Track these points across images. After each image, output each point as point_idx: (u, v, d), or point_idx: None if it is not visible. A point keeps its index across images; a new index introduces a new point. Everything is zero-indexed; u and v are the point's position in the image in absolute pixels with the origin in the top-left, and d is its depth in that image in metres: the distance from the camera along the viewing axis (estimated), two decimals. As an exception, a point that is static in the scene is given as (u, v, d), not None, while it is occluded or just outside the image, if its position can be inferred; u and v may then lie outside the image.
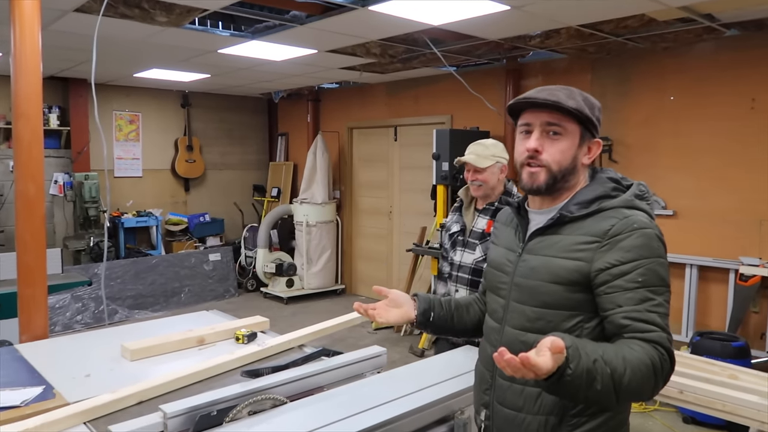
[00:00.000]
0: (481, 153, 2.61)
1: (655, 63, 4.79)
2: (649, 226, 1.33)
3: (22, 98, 2.55)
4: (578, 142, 1.41)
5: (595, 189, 1.41)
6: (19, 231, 2.62)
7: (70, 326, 5.69)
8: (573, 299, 1.35)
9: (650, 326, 1.25)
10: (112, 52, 5.06)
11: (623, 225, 1.32)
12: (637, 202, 1.38)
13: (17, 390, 1.85)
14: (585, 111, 1.38)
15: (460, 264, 2.64)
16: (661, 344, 1.24)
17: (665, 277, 1.32)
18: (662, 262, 1.32)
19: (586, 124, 1.41)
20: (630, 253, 1.30)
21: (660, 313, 1.27)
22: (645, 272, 1.29)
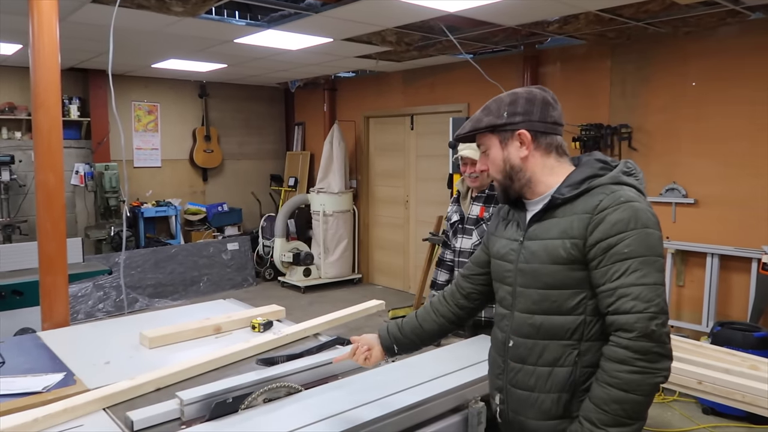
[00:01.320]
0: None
1: (676, 48, 4.69)
2: (636, 200, 1.37)
3: (41, 89, 2.58)
4: (499, 146, 1.52)
5: (583, 171, 1.46)
6: (39, 220, 2.66)
7: (92, 314, 5.79)
8: (573, 277, 1.40)
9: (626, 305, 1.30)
10: (129, 42, 5.09)
11: (611, 199, 1.37)
12: (624, 178, 1.42)
13: (39, 376, 1.89)
14: (480, 125, 1.53)
15: (460, 250, 2.73)
16: (628, 328, 1.29)
17: (655, 246, 1.34)
18: (651, 232, 1.34)
19: (493, 130, 1.52)
20: (616, 225, 1.34)
21: (647, 284, 1.30)
22: (631, 243, 1.32)
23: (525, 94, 1.50)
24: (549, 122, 1.48)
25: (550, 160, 1.50)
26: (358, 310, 2.61)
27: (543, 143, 1.49)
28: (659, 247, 1.35)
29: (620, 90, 5.03)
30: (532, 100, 1.48)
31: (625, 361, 1.29)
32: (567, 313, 1.40)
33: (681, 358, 3.51)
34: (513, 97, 1.51)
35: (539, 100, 1.49)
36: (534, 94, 1.49)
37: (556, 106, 1.50)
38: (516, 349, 1.50)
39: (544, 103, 1.48)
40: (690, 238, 4.65)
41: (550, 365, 1.43)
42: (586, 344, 1.40)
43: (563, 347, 1.41)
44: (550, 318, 1.42)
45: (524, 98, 1.49)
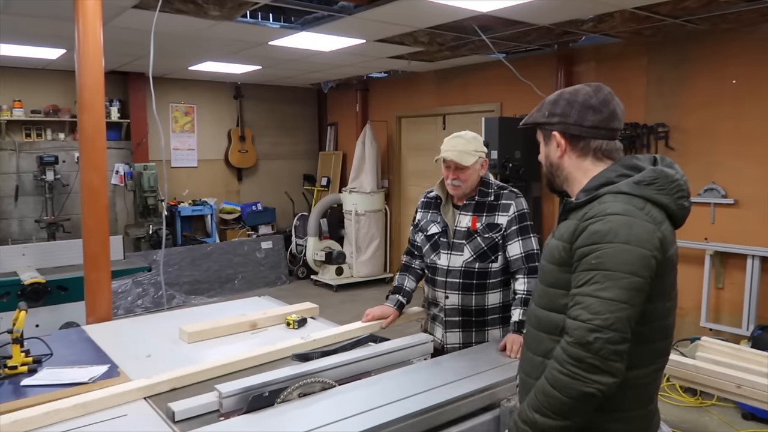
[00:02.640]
0: (462, 148, 2.30)
1: (715, 45, 4.59)
2: (627, 213, 1.34)
3: (87, 92, 2.69)
4: (544, 143, 1.58)
5: (600, 176, 1.46)
6: (84, 218, 2.77)
7: (131, 310, 5.97)
8: (563, 279, 1.42)
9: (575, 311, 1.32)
10: (168, 46, 5.23)
11: (597, 210, 1.37)
12: (631, 188, 1.38)
13: (85, 368, 1.97)
14: (530, 120, 1.58)
15: (449, 268, 2.36)
16: (569, 333, 1.31)
17: (628, 263, 1.29)
18: (628, 249, 1.30)
19: (538, 127, 1.57)
20: (593, 236, 1.34)
21: (603, 298, 1.29)
22: (601, 255, 1.31)
23: (569, 95, 1.50)
24: (586, 126, 1.47)
25: (586, 163, 1.50)
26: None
27: (578, 146, 1.49)
28: (635, 266, 1.30)
29: (657, 88, 4.94)
30: (573, 102, 1.48)
31: (559, 360, 1.33)
32: (558, 311, 1.43)
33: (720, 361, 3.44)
34: (557, 96, 1.53)
35: (579, 103, 1.48)
36: (576, 96, 1.49)
37: (601, 109, 1.46)
38: (527, 336, 1.58)
39: (585, 106, 1.47)
40: (729, 239, 4.54)
41: (542, 356, 1.47)
42: None
43: (553, 342, 1.43)
44: (547, 314, 1.47)
45: (566, 100, 1.50)
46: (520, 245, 2.31)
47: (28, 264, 3.90)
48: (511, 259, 2.32)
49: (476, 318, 2.37)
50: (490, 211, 2.35)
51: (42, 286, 3.52)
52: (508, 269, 2.37)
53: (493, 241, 2.32)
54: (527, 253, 2.30)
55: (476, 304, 2.35)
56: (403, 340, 2.20)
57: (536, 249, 2.32)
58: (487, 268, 2.33)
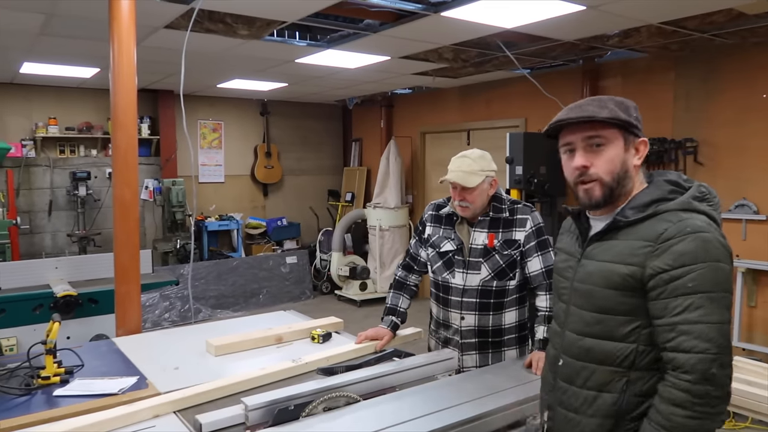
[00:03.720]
0: (467, 168, 2.24)
1: (744, 59, 4.52)
2: (706, 230, 1.29)
3: (120, 111, 2.77)
4: (623, 146, 1.40)
5: (651, 192, 1.39)
6: (116, 232, 2.83)
7: (158, 323, 6.05)
8: (628, 304, 1.34)
9: (687, 343, 1.23)
10: (197, 64, 5.35)
11: (677, 229, 1.29)
12: (696, 204, 1.34)
13: (114, 379, 2.01)
14: (620, 116, 1.38)
15: (465, 288, 2.28)
16: (688, 370, 1.22)
17: (723, 282, 1.26)
18: (720, 266, 1.26)
19: (626, 127, 1.40)
20: (683, 257, 1.26)
21: (711, 322, 1.22)
22: (697, 277, 1.24)
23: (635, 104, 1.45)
24: None
25: (639, 176, 1.45)
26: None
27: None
28: (728, 283, 1.27)
29: (684, 103, 4.88)
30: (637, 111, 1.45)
31: (684, 405, 1.23)
32: (619, 340, 1.35)
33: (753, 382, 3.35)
34: (633, 104, 1.44)
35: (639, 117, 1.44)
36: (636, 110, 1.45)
37: None
38: (565, 368, 1.47)
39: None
40: (762, 256, 4.43)
41: (596, 390, 1.38)
42: (637, 373, 1.35)
43: (612, 373, 1.36)
44: (601, 343, 1.38)
45: (636, 109, 1.44)
46: (540, 260, 2.27)
47: (61, 277, 3.99)
48: (532, 275, 2.28)
49: (493, 339, 2.31)
50: (507, 227, 2.28)
51: (74, 298, 3.60)
52: (524, 286, 2.33)
53: (512, 258, 2.27)
54: (547, 268, 2.25)
55: (493, 324, 2.30)
56: (428, 355, 2.20)
57: None
58: (504, 286, 2.28)
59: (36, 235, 6.79)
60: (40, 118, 6.71)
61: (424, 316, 2.61)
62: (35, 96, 6.70)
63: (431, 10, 3.62)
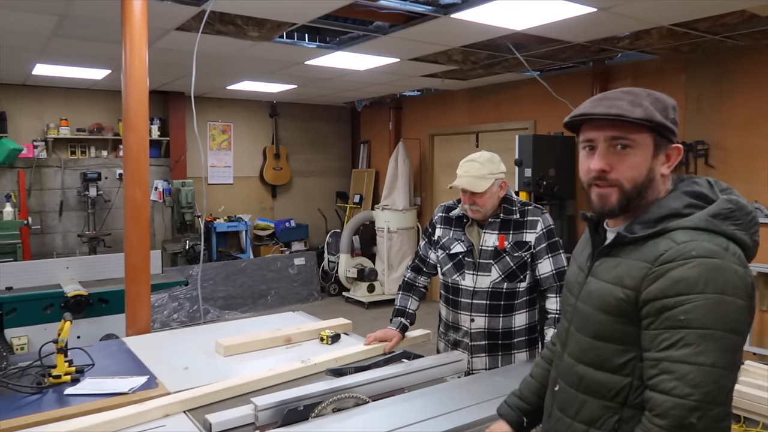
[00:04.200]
0: (476, 173, 2.24)
1: (757, 61, 4.49)
2: (717, 255, 1.09)
3: (132, 111, 2.78)
4: (652, 152, 1.21)
5: (665, 205, 1.20)
6: (127, 233, 2.85)
7: (167, 324, 6.08)
8: (623, 332, 1.17)
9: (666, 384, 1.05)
10: (207, 66, 5.38)
11: (678, 251, 1.11)
12: (714, 223, 1.13)
13: (125, 378, 2.02)
14: (656, 117, 1.18)
15: (475, 290, 2.28)
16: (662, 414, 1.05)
17: (728, 319, 1.05)
18: (725, 299, 1.05)
19: (659, 131, 1.20)
20: (678, 285, 1.08)
21: (702, 364, 1.03)
22: (691, 309, 1.05)
23: (673, 102, 1.24)
24: None
25: (665, 186, 1.25)
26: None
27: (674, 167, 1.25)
28: (736, 322, 1.06)
29: (696, 105, 4.85)
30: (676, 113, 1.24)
31: None
32: (613, 372, 1.19)
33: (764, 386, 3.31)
34: (673, 102, 1.24)
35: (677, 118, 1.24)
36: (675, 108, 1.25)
37: None
38: (561, 394, 1.33)
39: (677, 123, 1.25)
40: (774, 260, 4.39)
41: (586, 424, 1.23)
42: (631, 411, 1.17)
43: (603, 408, 1.20)
44: (593, 372, 1.22)
45: (675, 110, 1.24)
46: (550, 263, 2.26)
47: (71, 277, 4.02)
48: (542, 277, 2.27)
49: (503, 341, 2.31)
50: (517, 229, 2.28)
51: (84, 298, 3.62)
52: (534, 288, 2.32)
53: (522, 260, 2.26)
54: (558, 271, 2.25)
55: (503, 326, 2.30)
56: (437, 357, 2.20)
57: (566, 265, 2.28)
58: (515, 288, 2.28)
59: (47, 236, 6.84)
60: (52, 119, 6.77)
61: (433, 318, 2.61)
62: (47, 97, 6.76)
63: (441, 12, 3.62)
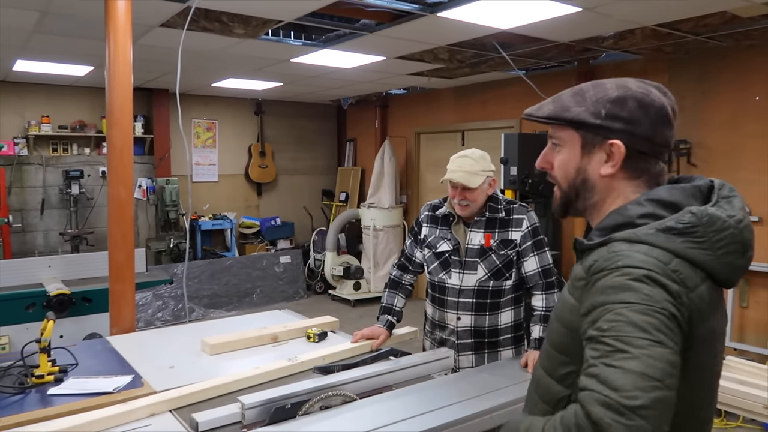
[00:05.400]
0: (469, 168, 2.23)
1: (738, 61, 4.56)
2: (643, 266, 0.96)
3: (116, 109, 2.75)
4: (580, 150, 1.13)
5: (623, 212, 1.08)
6: (110, 230, 2.82)
7: (151, 322, 6.03)
8: (565, 344, 1.10)
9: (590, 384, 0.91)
10: (192, 63, 5.33)
11: (606, 261, 1.01)
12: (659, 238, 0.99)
13: (109, 378, 2.00)
14: (567, 114, 1.13)
15: (461, 288, 2.29)
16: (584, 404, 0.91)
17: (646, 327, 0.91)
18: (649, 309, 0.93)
19: (581, 127, 1.12)
20: (603, 295, 0.98)
21: (625, 369, 0.89)
22: (614, 318, 0.94)
23: (641, 94, 1.10)
24: (657, 142, 1.10)
25: (631, 188, 1.12)
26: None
27: (636, 165, 1.11)
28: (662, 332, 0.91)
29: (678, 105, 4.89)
30: (648, 107, 1.09)
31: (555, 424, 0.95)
32: (557, 380, 1.11)
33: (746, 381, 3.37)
34: (622, 92, 1.10)
35: (656, 110, 1.09)
36: (652, 100, 1.10)
37: (674, 124, 1.12)
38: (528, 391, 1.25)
39: (661, 116, 1.10)
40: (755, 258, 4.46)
41: None
42: None
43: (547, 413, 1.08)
44: (545, 377, 1.15)
45: (637, 101, 1.09)
46: (536, 260, 2.28)
47: (54, 275, 3.97)
48: (528, 274, 2.29)
49: (489, 339, 2.33)
50: (503, 227, 2.29)
51: (67, 297, 3.58)
52: (519, 286, 2.34)
53: (508, 258, 2.28)
54: (544, 268, 2.27)
55: (489, 324, 2.32)
56: (424, 354, 2.21)
57: (551, 263, 2.30)
58: (501, 286, 2.29)
59: (28, 234, 6.75)
60: (33, 116, 6.67)
61: (419, 316, 2.61)
62: (28, 94, 6.66)
63: (428, 11, 3.63)
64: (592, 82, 1.17)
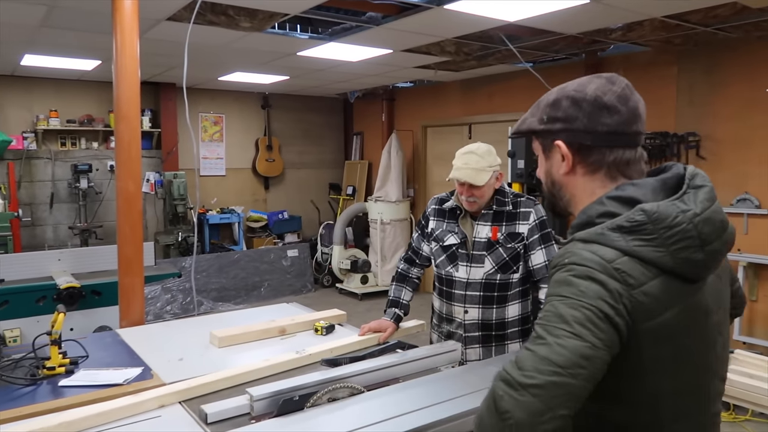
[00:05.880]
0: (475, 165, 2.23)
1: (748, 53, 4.51)
2: (585, 264, 1.01)
3: (123, 102, 2.76)
4: (544, 156, 1.24)
5: (586, 212, 1.13)
6: (120, 224, 2.84)
7: (160, 316, 6.07)
8: None
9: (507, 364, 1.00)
10: (199, 57, 5.34)
11: (559, 258, 1.08)
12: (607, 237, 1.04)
13: (119, 370, 2.02)
14: (522, 126, 1.24)
15: (468, 281, 2.30)
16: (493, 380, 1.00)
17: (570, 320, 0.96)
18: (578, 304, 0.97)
19: (536, 134, 1.22)
20: (550, 288, 1.06)
21: (535, 353, 0.96)
22: (549, 309, 1.01)
23: (573, 92, 1.15)
24: (601, 132, 1.12)
25: (595, 182, 1.15)
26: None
27: (589, 159, 1.14)
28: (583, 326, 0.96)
29: (687, 97, 4.88)
30: (580, 102, 1.13)
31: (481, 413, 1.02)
32: None
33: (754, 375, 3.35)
34: (558, 95, 1.17)
35: (589, 102, 1.12)
36: (584, 94, 1.13)
37: (619, 108, 1.11)
38: None
39: (597, 106, 1.12)
40: (763, 250, 4.44)
41: None
42: None
43: None
44: None
45: (570, 99, 1.15)
46: (543, 253, 2.27)
47: (64, 269, 4.00)
48: (535, 268, 2.29)
49: (496, 332, 2.33)
50: (510, 220, 2.29)
51: (77, 290, 3.61)
52: (527, 279, 2.34)
53: (515, 251, 2.28)
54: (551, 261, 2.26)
55: (497, 317, 2.32)
56: (431, 347, 2.21)
57: None
58: (508, 279, 2.29)
59: (37, 228, 6.80)
60: (41, 110, 6.71)
61: (427, 309, 2.62)
62: (36, 88, 6.70)
63: (434, 3, 3.62)
64: (550, 91, 1.23)
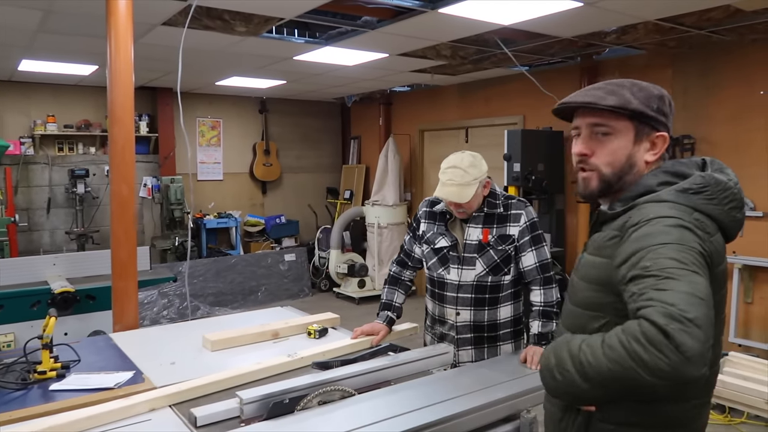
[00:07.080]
0: (460, 180, 2.20)
1: (742, 56, 4.53)
2: (672, 216, 1.17)
3: (117, 106, 2.77)
4: (633, 139, 1.31)
5: (642, 183, 1.29)
6: (113, 228, 2.84)
7: (157, 321, 6.05)
8: (596, 299, 1.28)
9: (648, 303, 1.05)
10: (195, 61, 5.35)
11: (640, 215, 1.20)
12: (680, 197, 1.21)
13: (111, 374, 2.01)
14: (630, 105, 1.28)
15: (460, 283, 2.30)
16: (647, 317, 1.03)
17: (684, 260, 1.08)
18: (682, 248, 1.10)
19: (639, 118, 1.30)
20: (639, 242, 1.15)
21: (675, 290, 1.04)
22: (655, 256, 1.10)
23: (667, 95, 1.34)
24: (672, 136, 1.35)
25: (658, 164, 1.35)
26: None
27: (665, 152, 1.35)
28: (696, 265, 1.09)
29: (682, 100, 4.89)
30: (671, 104, 1.34)
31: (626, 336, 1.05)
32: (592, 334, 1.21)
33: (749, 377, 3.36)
34: (660, 91, 1.33)
35: (672, 108, 1.35)
36: (669, 98, 1.35)
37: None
38: None
39: (672, 108, 1.35)
40: (759, 253, 4.44)
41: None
42: None
43: None
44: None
45: (668, 98, 1.34)
46: (534, 255, 2.27)
47: (59, 274, 4.00)
48: (525, 270, 2.29)
49: (488, 333, 2.33)
50: (501, 222, 2.29)
51: (71, 295, 3.61)
52: (518, 281, 2.34)
53: (506, 254, 2.28)
54: (541, 263, 2.27)
55: (488, 319, 2.32)
56: (423, 350, 2.21)
57: (550, 258, 2.31)
58: (499, 281, 2.30)
59: (34, 233, 6.79)
60: (39, 115, 6.71)
61: (421, 312, 2.62)
62: (33, 93, 6.71)
63: (429, 7, 3.63)
64: (628, 81, 1.34)
